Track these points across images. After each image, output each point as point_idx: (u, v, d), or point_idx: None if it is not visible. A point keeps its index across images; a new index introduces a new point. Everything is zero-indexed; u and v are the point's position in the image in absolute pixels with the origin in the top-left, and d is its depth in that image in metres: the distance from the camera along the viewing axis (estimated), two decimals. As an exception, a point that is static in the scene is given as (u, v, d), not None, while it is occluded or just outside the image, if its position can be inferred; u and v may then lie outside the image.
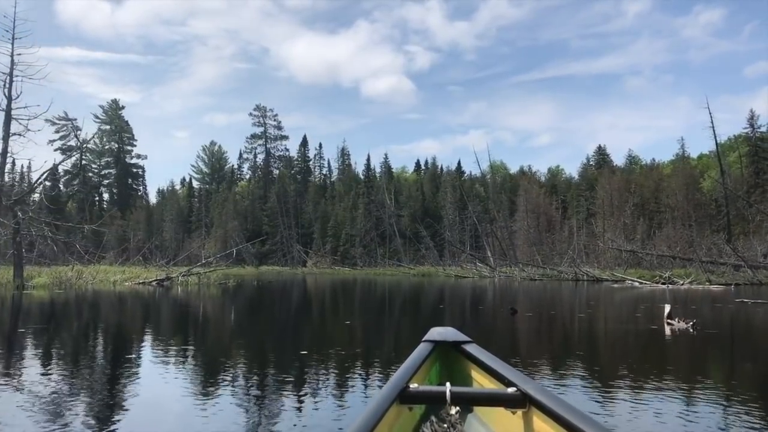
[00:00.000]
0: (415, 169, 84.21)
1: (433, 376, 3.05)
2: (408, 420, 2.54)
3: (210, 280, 26.77)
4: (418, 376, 2.67)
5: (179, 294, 20.15)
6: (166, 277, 24.75)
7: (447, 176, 74.62)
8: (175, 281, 24.85)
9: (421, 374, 2.78)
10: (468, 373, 2.95)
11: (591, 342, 9.22)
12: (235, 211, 74.52)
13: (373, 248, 67.73)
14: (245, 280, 33.23)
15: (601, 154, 73.33)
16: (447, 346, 3.10)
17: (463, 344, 3.03)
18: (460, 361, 3.04)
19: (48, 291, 19.96)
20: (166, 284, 23.99)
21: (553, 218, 62.85)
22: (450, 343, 3.09)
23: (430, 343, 3.06)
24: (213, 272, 29.11)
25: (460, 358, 3.04)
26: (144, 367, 6.39)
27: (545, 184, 71.69)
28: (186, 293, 20.52)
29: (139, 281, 24.13)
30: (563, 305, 16.71)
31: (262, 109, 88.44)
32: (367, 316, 13.74)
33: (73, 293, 19.27)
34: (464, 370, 2.99)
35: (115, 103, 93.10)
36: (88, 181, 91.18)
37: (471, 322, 11.46)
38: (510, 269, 42.97)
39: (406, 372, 2.55)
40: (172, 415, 4.44)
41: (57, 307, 15.14)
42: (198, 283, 25.67)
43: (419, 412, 2.68)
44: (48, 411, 4.23)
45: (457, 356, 3.06)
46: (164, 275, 25.16)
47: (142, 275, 25.80)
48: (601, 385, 5.35)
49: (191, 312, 14.58)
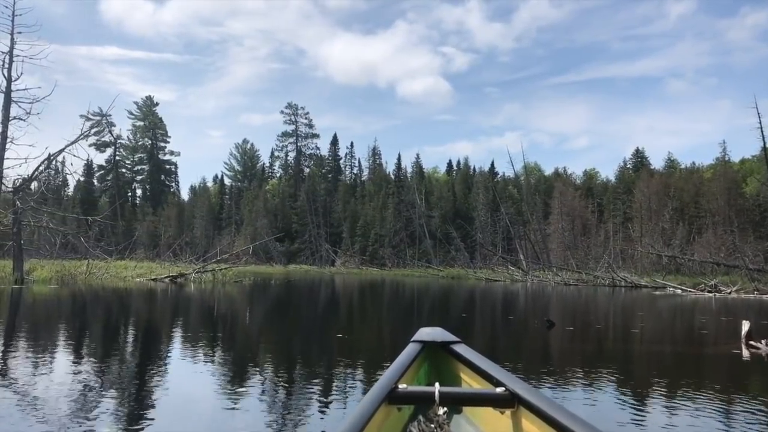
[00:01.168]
0: (447, 170, 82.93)
1: (422, 377, 3.05)
2: (397, 420, 2.54)
3: (225, 277, 26.01)
4: (407, 377, 2.67)
5: (192, 292, 19.46)
6: (179, 274, 24.13)
7: (479, 177, 73.28)
8: (189, 278, 24.20)
9: (410, 375, 2.78)
10: (457, 373, 2.95)
11: (663, 374, 6.60)
12: (265, 209, 74.26)
13: (403, 249, 66.79)
14: (263, 279, 32.27)
15: (639, 156, 71.46)
16: (436, 346, 3.10)
17: (452, 344, 3.03)
18: (448, 362, 3.04)
19: (49, 286, 19.28)
20: (180, 281, 23.37)
21: (589, 221, 61.51)
22: (439, 344, 3.09)
23: (419, 343, 3.06)
24: (228, 270, 28.31)
25: (448, 359, 3.04)
26: (115, 377, 5.57)
27: (581, 186, 70.07)
28: (200, 291, 19.80)
29: (152, 278, 23.50)
30: (607, 316, 15.17)
31: (293, 107, 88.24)
32: (374, 325, 12.40)
33: (74, 289, 18.52)
34: (453, 370, 3.00)
35: (149, 100, 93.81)
36: (121, 177, 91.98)
37: (499, 338, 9.61)
38: (543, 273, 41.67)
39: (395, 372, 2.54)
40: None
41: (40, 305, 14.22)
42: (213, 280, 24.97)
43: (408, 413, 2.69)
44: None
45: (445, 356, 3.06)
46: (177, 272, 24.54)
47: (156, 271, 25.22)
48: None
49: (200, 310, 13.83)
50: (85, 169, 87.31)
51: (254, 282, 26.71)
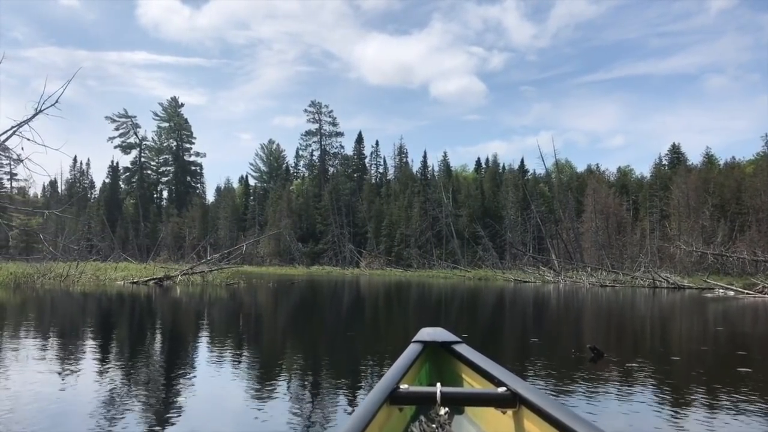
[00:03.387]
0: (476, 168, 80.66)
1: (423, 377, 3.05)
2: (398, 421, 2.54)
3: (216, 280, 24.04)
4: (409, 377, 2.66)
5: (178, 295, 17.60)
6: (164, 276, 22.45)
7: (509, 174, 70.93)
8: (176, 281, 22.49)
9: (411, 375, 2.77)
10: (458, 373, 2.94)
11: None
12: (289, 209, 73.05)
13: (429, 249, 64.87)
14: (261, 280, 29.91)
15: (676, 152, 68.61)
16: (437, 346, 3.09)
17: (453, 344, 3.02)
18: (450, 362, 3.03)
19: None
20: (166, 284, 21.68)
21: (624, 220, 59.43)
22: (440, 344, 3.08)
23: (420, 343, 3.05)
24: (221, 271, 26.42)
25: (450, 359, 3.03)
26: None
27: (614, 183, 67.60)
28: (187, 295, 17.93)
29: (134, 280, 21.74)
30: (668, 330, 10.95)
31: (316, 105, 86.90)
32: (392, 332, 10.65)
33: (27, 295, 16.41)
34: (454, 370, 2.98)
35: (175, 101, 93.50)
36: (146, 179, 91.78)
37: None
38: (576, 274, 39.50)
39: (397, 373, 2.54)
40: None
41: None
42: (202, 283, 23.09)
43: (410, 413, 2.69)
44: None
45: (447, 356, 3.05)
46: (163, 274, 22.89)
47: (141, 273, 23.57)
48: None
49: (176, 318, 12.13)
50: (111, 171, 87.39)
51: (250, 285, 24.84)
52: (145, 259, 49.13)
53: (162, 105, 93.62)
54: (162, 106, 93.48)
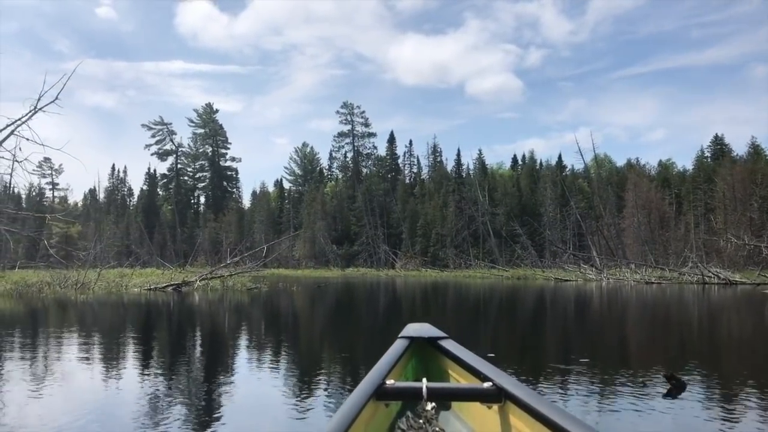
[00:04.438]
0: (512, 165, 79.12)
1: (410, 372, 3.03)
2: (384, 416, 2.54)
3: (236, 285, 23.41)
4: (395, 373, 2.63)
5: (196, 302, 17.06)
6: (182, 282, 21.90)
7: (546, 171, 69.32)
8: (193, 286, 22.01)
9: (398, 370, 2.74)
10: (444, 368, 2.94)
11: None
12: (323, 212, 72.71)
13: (465, 249, 63.77)
14: (286, 284, 28.99)
15: (719, 144, 66.29)
16: (423, 342, 3.08)
17: (439, 340, 3.01)
18: (436, 357, 3.02)
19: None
20: (184, 290, 21.19)
21: (666, 214, 57.78)
22: (426, 339, 3.07)
23: (406, 339, 3.04)
24: (240, 275, 25.76)
25: (436, 354, 3.02)
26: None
27: (656, 177, 65.65)
28: (206, 301, 17.40)
29: (150, 287, 21.15)
30: (741, 335, 9.84)
31: (348, 106, 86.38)
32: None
33: (29, 304, 15.91)
34: (440, 365, 2.98)
35: (209, 107, 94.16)
36: (182, 185, 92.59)
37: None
38: (619, 271, 38.13)
39: (383, 368, 2.52)
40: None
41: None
42: (222, 287, 22.52)
43: (396, 408, 2.68)
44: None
45: (433, 352, 3.04)
46: (181, 279, 22.34)
47: (160, 279, 23.01)
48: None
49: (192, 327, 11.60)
50: (148, 178, 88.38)
51: (273, 289, 24.18)
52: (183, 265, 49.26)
53: (197, 111, 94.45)
54: (197, 112, 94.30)
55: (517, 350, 8.14)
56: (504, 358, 6.70)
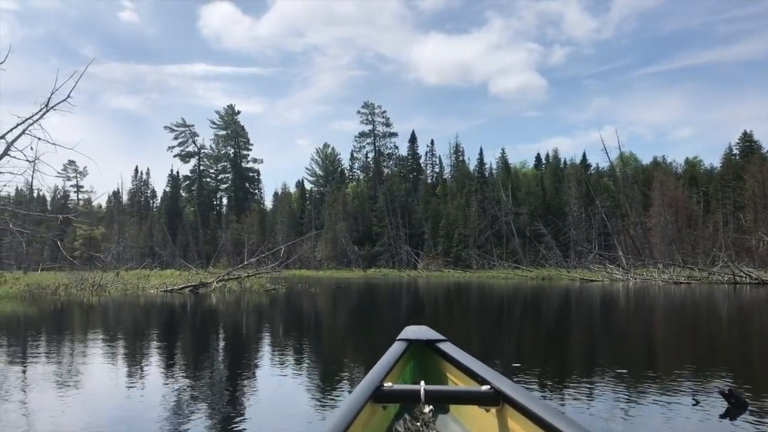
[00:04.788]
0: (535, 164, 78.10)
1: (407, 375, 3.01)
2: (382, 419, 2.53)
3: (254, 286, 23.08)
4: (393, 375, 2.64)
5: (213, 303, 16.79)
6: (200, 283, 21.62)
7: (571, 169, 68.27)
8: (211, 288, 21.72)
9: (395, 373, 2.75)
10: (442, 371, 2.92)
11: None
12: (344, 212, 72.43)
13: (489, 249, 63.05)
14: (305, 285, 28.36)
15: (748, 141, 64.76)
16: (421, 344, 3.06)
17: (438, 342, 2.99)
18: (434, 360, 2.99)
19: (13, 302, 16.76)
20: (201, 291, 20.94)
21: (694, 213, 56.71)
22: (424, 342, 3.05)
23: (405, 341, 3.02)
24: (258, 277, 25.43)
25: (434, 357, 2.99)
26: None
27: (682, 175, 64.40)
28: (223, 302, 17.12)
29: (167, 288, 20.89)
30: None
31: (369, 106, 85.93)
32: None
33: (40, 306, 15.60)
34: (438, 368, 2.95)
35: (231, 109, 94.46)
36: (205, 186, 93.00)
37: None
38: (647, 271, 37.30)
39: (381, 371, 2.52)
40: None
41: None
42: (240, 289, 22.21)
43: (393, 411, 2.66)
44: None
45: (431, 355, 3.02)
46: (198, 280, 22.06)
47: (177, 281, 22.77)
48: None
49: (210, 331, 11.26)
50: (170, 180, 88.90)
51: (291, 290, 23.82)
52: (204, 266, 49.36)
53: (219, 113, 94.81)
54: (219, 114, 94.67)
55: (544, 359, 7.51)
56: (530, 366, 6.25)
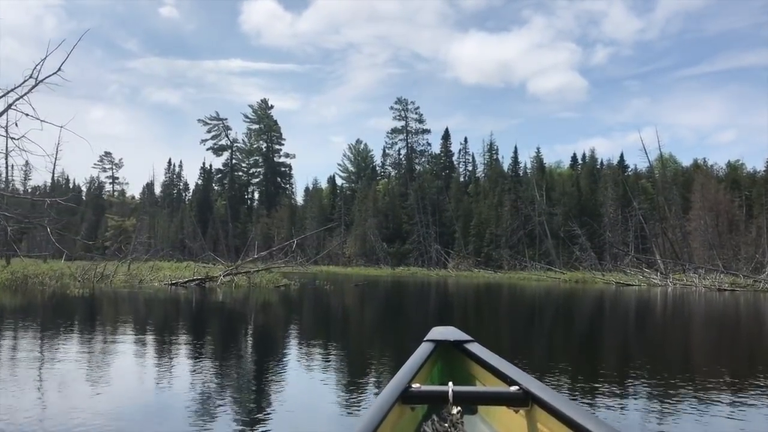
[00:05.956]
0: (571, 164, 76.32)
1: (435, 376, 2.99)
2: (410, 420, 2.52)
3: (263, 281, 22.47)
4: (420, 376, 2.63)
5: (219, 299, 16.22)
6: (206, 277, 21.11)
7: (608, 170, 66.47)
8: (217, 282, 21.19)
9: (423, 374, 2.73)
10: (470, 372, 2.89)
11: None
12: (375, 209, 71.69)
13: (521, 250, 61.72)
14: (321, 281, 27.80)
15: (794, 143, 62.33)
16: (448, 345, 3.03)
17: (465, 343, 2.96)
18: (462, 361, 2.97)
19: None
20: (207, 286, 20.43)
21: (736, 217, 54.75)
22: (451, 343, 3.02)
23: (432, 342, 2.99)
24: (268, 271, 24.80)
25: (462, 357, 2.97)
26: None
27: (724, 179, 62.27)
28: (231, 298, 16.55)
29: (172, 282, 20.39)
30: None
31: (402, 102, 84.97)
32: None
33: (27, 297, 15.26)
34: (466, 369, 2.93)
35: (264, 103, 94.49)
36: (237, 180, 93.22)
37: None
38: (686, 276, 35.83)
39: (408, 372, 2.50)
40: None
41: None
42: (248, 284, 21.54)
43: (421, 412, 2.65)
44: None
45: (459, 355, 2.99)
46: (205, 274, 21.54)
47: (181, 275, 22.23)
48: None
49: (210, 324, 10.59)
50: (203, 173, 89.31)
51: (305, 287, 23.07)
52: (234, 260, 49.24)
53: (252, 107, 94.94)
54: (252, 108, 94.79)
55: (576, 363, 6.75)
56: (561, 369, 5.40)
